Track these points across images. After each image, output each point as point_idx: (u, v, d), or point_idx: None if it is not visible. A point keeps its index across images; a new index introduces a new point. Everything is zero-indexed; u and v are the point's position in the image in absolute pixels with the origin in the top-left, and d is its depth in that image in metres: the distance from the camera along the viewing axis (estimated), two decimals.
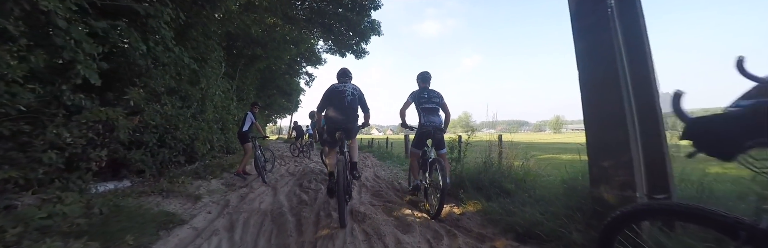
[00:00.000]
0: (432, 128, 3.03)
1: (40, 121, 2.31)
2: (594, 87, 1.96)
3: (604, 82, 1.89)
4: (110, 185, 3.19)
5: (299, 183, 4.42)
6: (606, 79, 1.88)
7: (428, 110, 3.11)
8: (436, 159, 2.82)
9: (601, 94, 1.89)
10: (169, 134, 4.10)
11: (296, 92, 20.66)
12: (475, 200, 2.71)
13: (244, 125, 4.99)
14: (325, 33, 14.70)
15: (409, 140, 9.29)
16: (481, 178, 3.03)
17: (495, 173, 3.00)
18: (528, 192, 2.44)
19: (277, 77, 16.37)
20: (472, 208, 2.66)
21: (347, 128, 2.85)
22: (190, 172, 4.39)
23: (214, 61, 6.52)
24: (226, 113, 6.89)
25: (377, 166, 6.83)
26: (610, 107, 1.82)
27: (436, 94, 3.17)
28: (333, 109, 2.88)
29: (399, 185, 4.19)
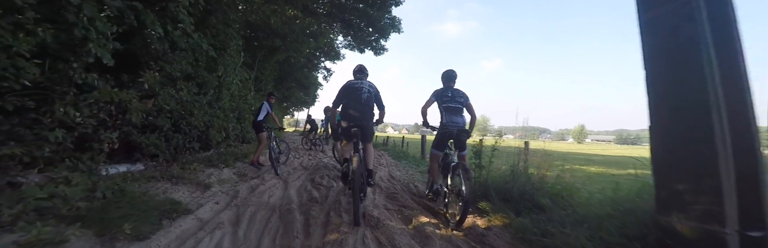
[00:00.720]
0: (455, 128, 2.82)
1: (50, 98, 2.21)
2: (668, 91, 1.63)
3: (682, 86, 1.56)
4: (122, 167, 3.11)
5: (311, 178, 4.26)
6: (685, 82, 1.55)
7: (451, 109, 2.90)
8: (460, 164, 2.58)
9: (679, 99, 1.56)
10: (183, 119, 4.01)
11: (314, 86, 20.66)
12: (503, 213, 2.44)
13: (259, 114, 4.89)
14: (344, 28, 14.55)
15: (427, 141, 9.07)
16: (508, 188, 2.74)
17: (524, 184, 2.71)
18: (566, 209, 2.13)
19: (295, 70, 16.38)
20: (499, 222, 2.38)
21: (363, 125, 2.81)
22: (204, 159, 4.31)
23: (233, 49, 6.45)
24: (242, 102, 6.83)
25: (392, 165, 6.60)
26: (690, 115, 1.50)
27: (460, 93, 2.97)
28: (349, 106, 2.85)
29: (415, 188, 3.94)
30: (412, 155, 9.26)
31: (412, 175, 5.19)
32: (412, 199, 3.30)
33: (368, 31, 13.09)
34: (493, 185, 2.89)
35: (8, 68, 1.80)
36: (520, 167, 3.02)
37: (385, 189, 3.78)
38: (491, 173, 3.15)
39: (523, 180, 2.79)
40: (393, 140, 15.43)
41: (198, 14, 5.39)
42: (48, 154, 2.13)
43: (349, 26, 13.71)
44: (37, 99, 2.15)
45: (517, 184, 2.73)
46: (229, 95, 5.84)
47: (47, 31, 2.06)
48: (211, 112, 4.80)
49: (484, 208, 2.72)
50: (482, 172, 3.20)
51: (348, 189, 2.95)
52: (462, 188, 2.35)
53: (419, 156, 8.71)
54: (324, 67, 19.55)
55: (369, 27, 12.69)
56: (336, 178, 4.31)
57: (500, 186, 2.82)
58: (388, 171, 5.54)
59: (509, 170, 3.01)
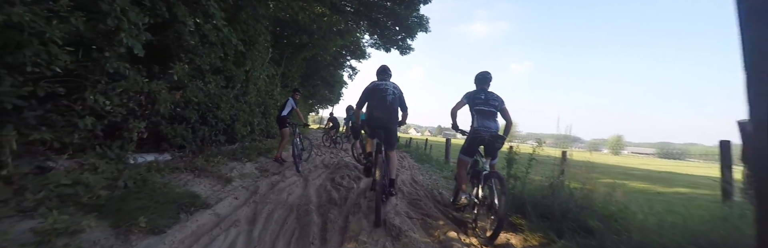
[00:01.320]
0: (487, 134, 2.58)
1: (82, 86, 2.23)
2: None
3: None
4: (150, 156, 3.14)
5: (331, 178, 4.14)
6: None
7: (484, 113, 2.67)
8: (494, 174, 2.36)
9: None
10: (210, 112, 4.04)
11: (338, 84, 20.83)
12: (541, 232, 2.15)
13: (283, 109, 4.87)
14: (371, 27, 14.46)
15: (452, 145, 8.73)
16: (547, 204, 2.42)
17: (567, 201, 2.38)
18: (620, 234, 1.80)
19: (321, 67, 16.57)
20: (536, 242, 2.09)
21: (388, 127, 2.80)
22: (228, 152, 4.33)
23: (261, 45, 6.51)
24: (269, 97, 6.90)
25: (415, 169, 6.36)
26: None
27: (495, 96, 2.74)
28: (374, 107, 2.84)
29: (439, 195, 3.68)
30: (435, 158, 8.95)
31: (436, 180, 4.93)
32: (437, 207, 3.05)
33: (395, 29, 12.92)
34: (529, 199, 2.58)
35: (41, 54, 1.80)
36: (560, 180, 2.68)
37: (408, 194, 3.56)
38: (527, 185, 2.83)
39: (565, 196, 2.46)
40: (416, 142, 15.14)
41: (229, 9, 5.48)
42: (78, 140, 2.14)
43: (375, 25, 13.61)
44: (68, 86, 2.17)
45: (558, 200, 2.41)
46: (255, 90, 5.89)
47: (80, 19, 2.06)
48: (238, 106, 4.84)
49: (518, 224, 2.44)
50: (516, 183, 2.90)
51: (370, 190, 2.95)
52: (495, 200, 2.16)
53: (443, 160, 8.40)
54: (349, 65, 19.66)
55: (396, 26, 12.52)
56: (356, 179, 4.16)
57: (537, 201, 2.51)
58: (410, 174, 5.31)
59: (547, 182, 2.69)
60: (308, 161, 5.47)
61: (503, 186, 2.12)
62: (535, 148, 2.87)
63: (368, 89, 2.96)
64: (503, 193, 2.08)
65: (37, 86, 1.86)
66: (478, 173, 2.57)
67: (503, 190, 2.10)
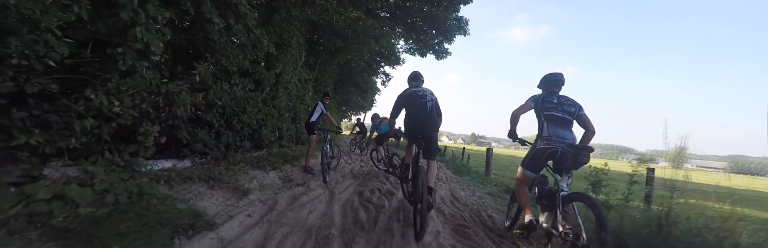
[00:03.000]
0: (561, 145, 2.06)
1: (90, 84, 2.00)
2: None
3: None
4: (168, 163, 2.91)
5: (360, 191, 3.65)
6: None
7: (557, 120, 2.19)
8: (578, 196, 1.84)
9: None
10: (235, 116, 3.80)
11: (371, 91, 20.70)
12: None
13: (312, 114, 4.55)
14: (406, 32, 14.17)
15: (495, 156, 7.88)
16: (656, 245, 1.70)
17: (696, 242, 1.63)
18: None
19: (355, 73, 16.53)
20: None
21: (428, 135, 2.69)
22: (253, 160, 4.05)
23: (294, 48, 6.37)
24: (300, 102, 6.70)
25: (453, 181, 5.66)
26: None
27: (571, 101, 2.28)
28: (413, 115, 2.75)
29: (490, 219, 3.01)
30: (474, 170, 8.10)
31: (481, 198, 4.22)
32: (489, 237, 2.42)
33: (432, 33, 12.49)
34: (630, 234, 1.85)
35: (29, 45, 1.56)
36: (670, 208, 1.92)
37: (450, 217, 2.94)
38: (626, 217, 2.08)
39: (686, 229, 1.71)
40: (452, 150, 14.27)
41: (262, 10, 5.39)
42: (77, 145, 1.89)
43: (411, 29, 13.29)
44: (73, 85, 1.95)
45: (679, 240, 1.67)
46: (286, 94, 5.68)
47: (84, 8, 1.83)
48: (266, 110, 4.60)
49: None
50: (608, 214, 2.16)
51: (409, 201, 2.73)
52: (582, 234, 1.66)
53: (483, 172, 7.55)
54: (383, 71, 19.48)
55: (433, 29, 12.10)
56: (388, 194, 3.64)
57: (644, 241, 1.78)
58: (449, 189, 4.65)
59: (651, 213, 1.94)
60: (336, 171, 5.06)
61: (600, 214, 1.58)
62: (636, 166, 2.13)
63: (404, 96, 2.85)
64: (603, 225, 1.55)
65: (28, 82, 1.62)
66: (550, 193, 2.08)
67: (601, 220, 1.56)
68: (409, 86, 3.00)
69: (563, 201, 1.89)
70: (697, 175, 2.35)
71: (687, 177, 2.03)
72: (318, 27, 9.53)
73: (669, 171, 2.07)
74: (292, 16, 6.44)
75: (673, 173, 2.10)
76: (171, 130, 2.80)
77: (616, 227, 2.01)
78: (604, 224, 1.54)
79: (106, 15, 2.16)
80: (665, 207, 1.93)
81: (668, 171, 2.11)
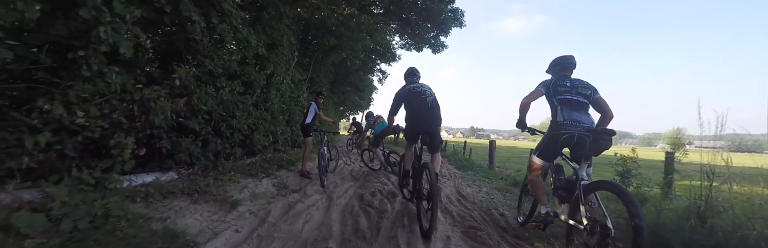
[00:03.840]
0: (579, 130, 1.91)
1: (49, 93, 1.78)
2: None
3: None
4: (149, 177, 2.69)
5: (360, 194, 3.45)
6: None
7: (572, 103, 2.03)
8: (602, 184, 1.65)
9: None
10: (224, 122, 3.58)
11: (368, 89, 20.45)
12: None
13: (307, 116, 4.34)
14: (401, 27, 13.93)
15: (498, 148, 7.72)
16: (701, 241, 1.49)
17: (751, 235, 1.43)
18: None
19: (351, 72, 16.28)
20: None
21: (432, 131, 2.70)
22: (245, 167, 3.83)
23: (286, 48, 6.12)
24: (294, 104, 6.47)
25: (457, 177, 5.47)
26: None
27: (585, 84, 2.13)
28: (414, 111, 2.72)
29: (501, 217, 2.83)
30: (477, 164, 7.91)
31: (489, 194, 4.02)
32: (504, 239, 2.23)
33: (427, 27, 12.28)
34: (671, 231, 1.63)
35: None
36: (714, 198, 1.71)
37: (458, 217, 2.75)
38: (663, 211, 1.86)
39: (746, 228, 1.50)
40: (453, 145, 14.08)
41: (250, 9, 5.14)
42: (32, 165, 1.68)
43: (406, 24, 13.05)
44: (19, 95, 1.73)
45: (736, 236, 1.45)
46: (278, 96, 5.46)
47: (31, 5, 1.60)
48: (257, 114, 4.38)
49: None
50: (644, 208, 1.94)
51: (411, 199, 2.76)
52: (610, 225, 1.50)
53: (486, 165, 7.37)
54: (379, 69, 19.21)
55: (428, 22, 11.88)
56: (390, 195, 3.44)
57: (688, 237, 1.57)
58: (454, 186, 4.46)
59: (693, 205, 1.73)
60: (335, 173, 4.87)
61: (631, 201, 1.40)
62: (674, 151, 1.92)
63: (402, 93, 2.81)
64: (637, 215, 1.35)
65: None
66: (568, 183, 1.97)
67: (634, 209, 1.37)
68: (406, 83, 2.96)
69: (585, 191, 1.72)
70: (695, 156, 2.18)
71: (728, 161, 1.76)
72: (310, 25, 9.27)
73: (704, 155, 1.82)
74: (282, 14, 6.19)
75: (710, 156, 1.84)
76: (150, 140, 2.57)
77: (654, 222, 1.79)
78: (637, 214, 1.34)
79: (64, 16, 1.93)
80: (702, 196, 1.72)
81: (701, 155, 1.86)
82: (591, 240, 1.58)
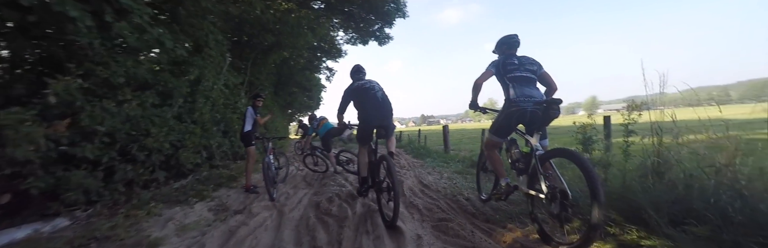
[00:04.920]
0: (529, 104, 1.98)
1: None
2: None
3: None
4: (22, 231, 2.02)
5: (316, 202, 3.15)
6: None
7: (522, 80, 2.11)
8: (557, 151, 1.74)
9: None
10: (135, 143, 2.96)
11: (316, 88, 19.66)
12: None
13: (245, 123, 3.88)
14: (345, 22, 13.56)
15: (450, 132, 7.95)
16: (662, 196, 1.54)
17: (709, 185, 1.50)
18: None
19: (295, 72, 15.44)
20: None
21: (385, 124, 2.77)
22: (171, 193, 3.25)
23: (213, 48, 5.41)
24: (230, 111, 5.79)
25: (417, 166, 5.42)
26: None
27: (531, 60, 2.23)
28: (366, 107, 2.75)
29: (467, 202, 2.80)
30: (434, 150, 8.05)
31: (450, 179, 4.01)
32: (477, 226, 2.19)
33: (371, 19, 12.17)
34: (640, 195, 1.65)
35: None
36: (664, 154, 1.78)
37: (426, 210, 2.64)
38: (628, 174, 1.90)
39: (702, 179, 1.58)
40: (407, 135, 14.27)
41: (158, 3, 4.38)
42: None
43: (349, 18, 12.73)
44: None
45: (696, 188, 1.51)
46: (209, 104, 4.79)
47: None
48: (182, 128, 3.76)
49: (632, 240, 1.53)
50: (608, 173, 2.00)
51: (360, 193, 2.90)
52: (567, 191, 1.56)
53: (442, 150, 7.55)
54: (326, 67, 18.61)
55: (371, 14, 11.76)
56: (349, 198, 3.23)
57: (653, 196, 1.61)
58: (415, 176, 4.38)
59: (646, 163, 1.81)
60: (286, 182, 4.47)
61: (584, 165, 1.45)
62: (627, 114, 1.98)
63: (351, 90, 2.83)
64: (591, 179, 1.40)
65: None
66: (525, 156, 2.06)
67: (589, 172, 1.41)
68: (353, 80, 2.97)
69: (541, 161, 1.79)
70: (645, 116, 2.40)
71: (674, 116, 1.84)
72: (244, 23, 8.36)
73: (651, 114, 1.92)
74: (205, 10, 5.42)
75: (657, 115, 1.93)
76: (12, 182, 1.94)
77: (621, 185, 1.83)
78: (592, 176, 1.38)
79: None
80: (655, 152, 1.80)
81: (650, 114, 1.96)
82: (552, 207, 1.63)
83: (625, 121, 1.95)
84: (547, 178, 1.74)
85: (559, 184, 1.62)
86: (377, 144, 2.88)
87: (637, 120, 1.91)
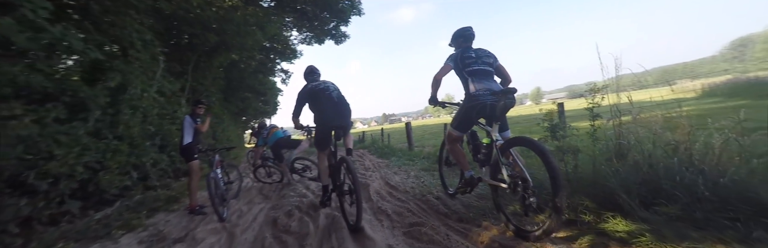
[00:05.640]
0: (490, 98, 1.97)
1: None
2: None
3: None
4: None
5: (273, 219, 2.82)
6: None
7: (481, 73, 2.11)
8: (517, 140, 1.74)
9: None
10: (32, 169, 2.36)
11: (272, 92, 18.58)
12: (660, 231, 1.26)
13: (184, 135, 3.41)
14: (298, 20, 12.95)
15: (412, 128, 7.92)
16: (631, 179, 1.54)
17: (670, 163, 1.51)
18: None
19: (247, 76, 14.42)
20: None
21: (343, 125, 2.72)
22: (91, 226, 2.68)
23: (141, 51, 4.71)
24: (169, 122, 5.10)
25: (383, 167, 5.23)
26: None
27: (487, 52, 2.23)
28: (323, 109, 2.68)
29: (438, 200, 2.67)
30: (398, 148, 7.92)
31: (418, 178, 3.88)
32: (451, 228, 2.05)
33: (325, 17, 11.74)
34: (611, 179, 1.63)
35: None
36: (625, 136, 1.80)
37: (396, 215, 2.45)
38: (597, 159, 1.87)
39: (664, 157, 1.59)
40: (370, 134, 14.10)
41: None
42: None
43: (303, 16, 12.17)
44: None
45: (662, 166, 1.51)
46: (139, 116, 4.13)
47: None
48: (101, 146, 3.14)
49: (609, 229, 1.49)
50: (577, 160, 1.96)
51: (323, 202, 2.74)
52: (528, 178, 1.58)
53: (407, 148, 7.49)
54: (281, 69, 17.65)
55: (325, 12, 11.33)
56: (310, 209, 2.96)
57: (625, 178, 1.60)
58: (381, 178, 4.18)
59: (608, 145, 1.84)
60: (239, 198, 4.02)
61: (542, 152, 1.47)
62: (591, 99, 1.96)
63: (305, 92, 2.75)
64: (549, 166, 1.41)
65: None
66: (486, 147, 2.08)
67: (546, 160, 1.43)
68: (307, 82, 2.90)
69: (501, 151, 1.81)
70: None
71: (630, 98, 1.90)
72: (181, 22, 7.45)
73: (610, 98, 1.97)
74: (127, 5, 4.68)
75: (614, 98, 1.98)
76: None
77: (591, 171, 1.79)
78: (550, 162, 1.41)
79: None
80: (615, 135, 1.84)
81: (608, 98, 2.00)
82: (516, 196, 1.65)
83: (590, 104, 1.96)
84: (510, 167, 1.76)
85: (521, 173, 1.64)
86: (336, 146, 2.79)
87: (600, 103, 1.94)
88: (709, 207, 1.28)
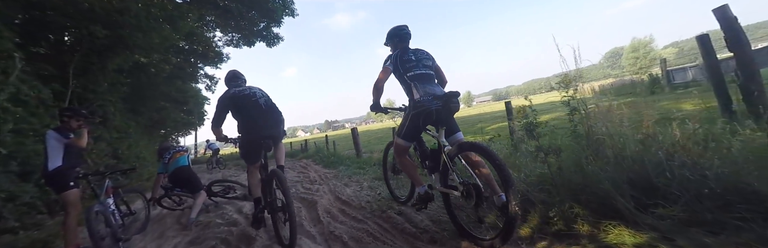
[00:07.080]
0: (435, 103, 1.85)
1: None
2: None
3: None
4: None
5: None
6: None
7: (423, 77, 2.00)
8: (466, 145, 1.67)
9: None
10: None
11: (195, 101, 16.22)
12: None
13: (48, 156, 2.50)
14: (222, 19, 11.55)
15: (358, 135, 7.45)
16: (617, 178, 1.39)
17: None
18: None
19: (161, 82, 12.21)
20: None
21: (274, 134, 2.43)
22: None
23: None
24: (34, 141, 3.76)
25: (331, 178, 4.66)
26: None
27: (425, 54, 2.14)
28: (250, 117, 2.37)
29: (400, 216, 2.30)
30: (346, 156, 7.36)
31: (372, 189, 3.45)
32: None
33: (253, 16, 10.58)
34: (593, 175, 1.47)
35: None
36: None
37: (352, 241, 2.01)
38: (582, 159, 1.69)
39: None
40: (313, 142, 13.16)
41: None
42: None
43: (227, 14, 10.81)
44: None
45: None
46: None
47: None
48: None
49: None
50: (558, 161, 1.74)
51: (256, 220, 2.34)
52: (479, 184, 1.54)
53: (354, 155, 7.00)
54: (204, 74, 15.58)
55: (253, 10, 10.22)
56: (243, 239, 2.41)
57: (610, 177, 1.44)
58: (330, 191, 3.66)
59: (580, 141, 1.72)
60: (147, 232, 3.09)
61: (494, 158, 1.42)
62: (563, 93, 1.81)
63: (226, 98, 2.44)
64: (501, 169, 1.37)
65: None
66: (433, 153, 2.01)
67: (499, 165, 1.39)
68: (228, 88, 2.58)
69: (450, 157, 1.73)
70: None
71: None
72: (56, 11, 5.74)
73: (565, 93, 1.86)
74: None
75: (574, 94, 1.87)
76: None
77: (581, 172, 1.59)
78: (501, 168, 1.37)
79: None
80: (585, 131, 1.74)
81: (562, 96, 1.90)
82: (469, 203, 1.59)
83: (564, 97, 1.81)
84: (460, 174, 1.72)
85: (472, 179, 1.59)
86: (266, 158, 2.52)
87: (575, 96, 1.79)
88: (711, 205, 1.15)
